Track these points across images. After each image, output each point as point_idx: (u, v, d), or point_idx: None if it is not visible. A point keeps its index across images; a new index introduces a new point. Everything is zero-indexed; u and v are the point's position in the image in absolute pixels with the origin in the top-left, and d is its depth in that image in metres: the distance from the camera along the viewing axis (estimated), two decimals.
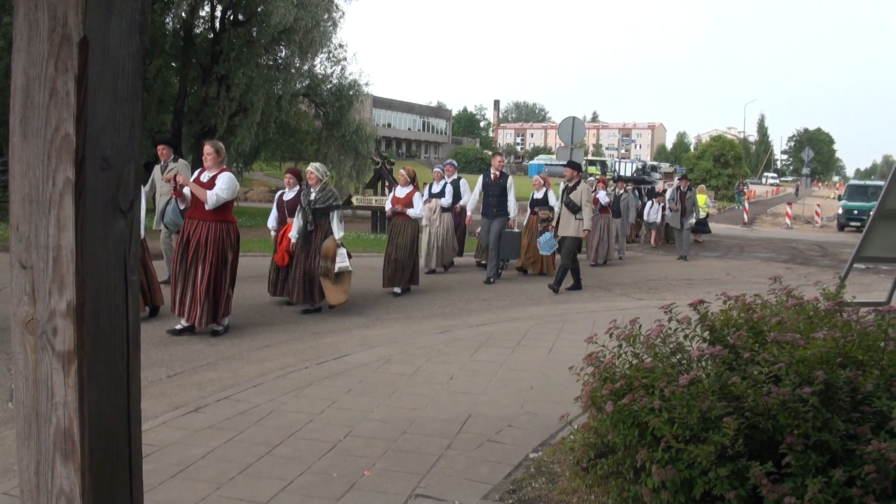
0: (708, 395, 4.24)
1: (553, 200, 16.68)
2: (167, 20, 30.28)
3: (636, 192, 26.03)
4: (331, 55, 32.38)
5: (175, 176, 9.57)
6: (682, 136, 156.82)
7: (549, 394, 7.03)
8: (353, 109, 33.24)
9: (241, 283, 12.66)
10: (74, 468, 1.60)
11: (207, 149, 9.63)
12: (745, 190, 58.23)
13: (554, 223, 14.65)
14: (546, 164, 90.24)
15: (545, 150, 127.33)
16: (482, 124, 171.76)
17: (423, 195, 14.77)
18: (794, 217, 41.44)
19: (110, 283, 1.63)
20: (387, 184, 24.33)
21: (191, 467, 5.17)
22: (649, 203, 25.19)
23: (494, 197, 15.29)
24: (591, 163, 78.05)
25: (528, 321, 10.58)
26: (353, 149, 32.52)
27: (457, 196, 16.60)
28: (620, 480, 4.60)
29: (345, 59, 33.87)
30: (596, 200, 18.44)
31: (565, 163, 15.46)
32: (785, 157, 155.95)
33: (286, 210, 11.70)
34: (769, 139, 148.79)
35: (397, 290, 12.95)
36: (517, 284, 14.83)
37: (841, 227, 37.79)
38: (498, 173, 15.40)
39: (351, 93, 32.94)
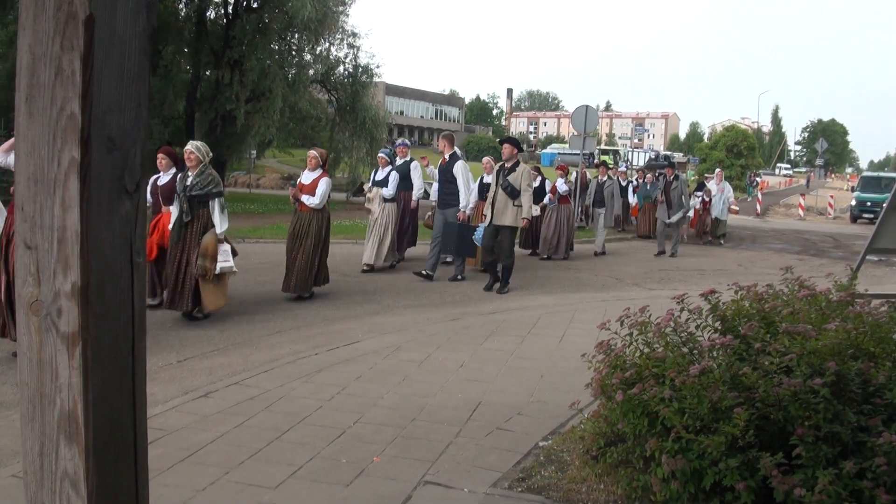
0: (719, 385, 4.22)
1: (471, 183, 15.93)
2: (180, 6, 30.28)
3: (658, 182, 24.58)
4: (343, 41, 32.32)
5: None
6: (695, 126, 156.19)
7: (560, 382, 7.01)
8: (367, 94, 33.15)
9: (254, 270, 12.72)
10: (78, 450, 1.59)
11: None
12: (758, 181, 57.97)
13: (487, 210, 12.51)
14: (559, 153, 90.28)
15: (558, 139, 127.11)
16: (495, 112, 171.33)
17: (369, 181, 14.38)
18: (807, 208, 41.26)
19: (115, 265, 1.61)
20: None
21: (199, 452, 5.17)
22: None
23: (444, 184, 13.88)
24: (604, 152, 77.94)
25: (538, 310, 10.56)
26: (369, 134, 32.44)
27: (407, 183, 14.77)
28: (630, 470, 4.58)
29: (358, 46, 33.72)
30: (553, 189, 17.72)
31: (574, 152, 15.23)
32: (798, 147, 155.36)
33: (161, 196, 10.17)
34: (783, 130, 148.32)
35: (305, 294, 11.08)
36: (528, 273, 14.77)
37: (854, 219, 37.60)
38: (447, 157, 13.89)
39: (364, 77, 32.87)
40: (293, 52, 30.74)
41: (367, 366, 7.39)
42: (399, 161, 15.04)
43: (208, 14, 30.46)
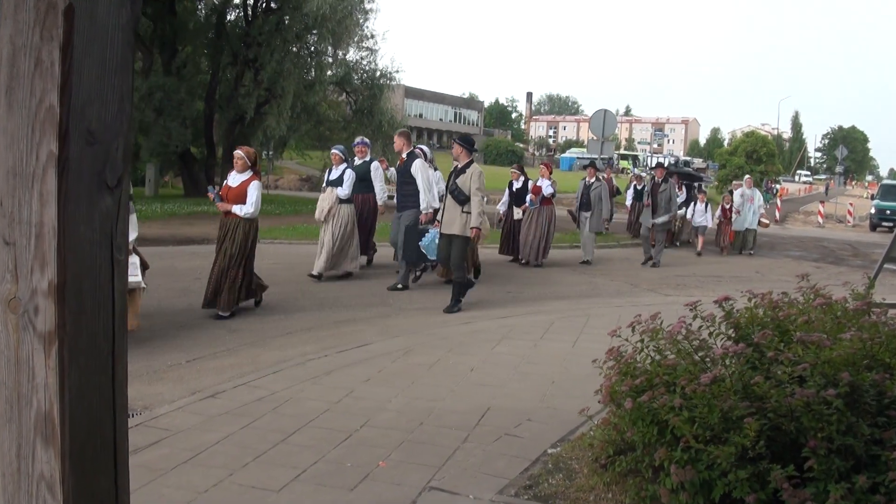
0: (730, 394, 4.14)
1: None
2: (199, 7, 30.41)
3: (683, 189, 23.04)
4: (362, 44, 32.35)
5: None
6: (715, 132, 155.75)
7: (571, 388, 6.93)
8: (385, 98, 33.14)
9: (266, 271, 12.69)
10: (55, 453, 1.54)
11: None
12: (776, 187, 57.66)
13: (439, 217, 11.44)
14: (577, 157, 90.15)
15: (577, 144, 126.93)
16: (514, 116, 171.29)
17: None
18: (826, 216, 41.00)
19: (95, 262, 1.56)
20: None
21: (204, 453, 5.13)
22: (695, 203, 22.09)
23: (402, 185, 12.89)
24: (623, 157, 77.79)
25: (551, 314, 10.48)
26: (385, 137, 32.40)
27: (366, 184, 13.54)
28: (639, 479, 4.51)
29: (377, 49, 33.78)
30: (537, 189, 16.39)
31: (593, 156, 14.90)
32: (818, 154, 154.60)
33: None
34: (803, 136, 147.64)
35: (222, 313, 9.67)
36: (542, 275, 14.69)
37: (873, 227, 37.30)
38: (404, 156, 12.90)
39: (382, 80, 32.87)
40: (312, 54, 30.76)
41: (376, 368, 7.34)
42: (357, 161, 13.81)
43: (228, 15, 30.57)
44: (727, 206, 21.91)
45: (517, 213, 16.54)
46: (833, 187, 76.48)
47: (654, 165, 20.85)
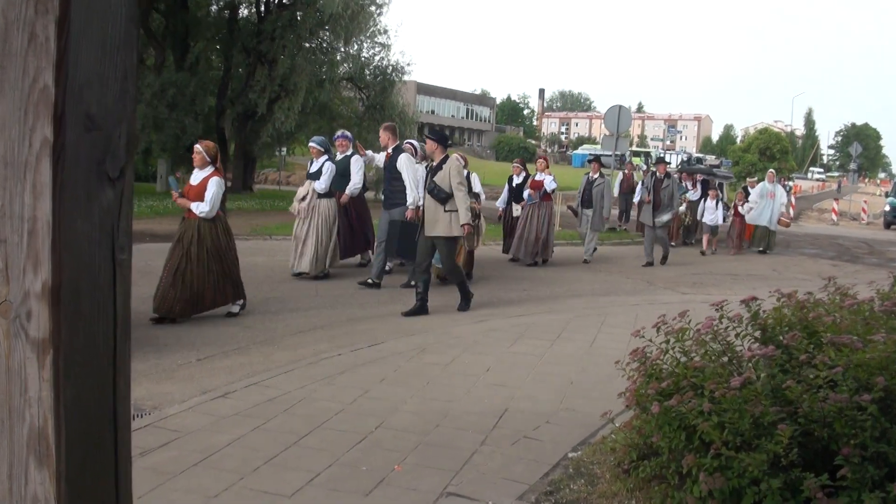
0: (761, 399, 3.98)
1: (477, 186, 13.59)
2: (212, 2, 30.32)
3: (698, 186, 22.62)
4: (375, 39, 32.19)
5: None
6: (728, 129, 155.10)
7: (590, 389, 6.77)
8: (396, 92, 32.95)
9: (280, 268, 12.57)
10: (49, 474, 1.39)
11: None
12: (790, 185, 57.36)
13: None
14: (591, 154, 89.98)
15: (589, 140, 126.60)
16: (526, 113, 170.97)
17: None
18: (840, 213, 40.71)
19: (93, 262, 1.41)
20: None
21: (215, 455, 4.99)
22: (704, 200, 21.07)
23: (389, 181, 12.32)
24: (636, 153, 77.48)
25: (568, 313, 10.32)
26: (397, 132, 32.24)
27: (345, 179, 12.80)
28: (664, 486, 4.35)
29: (389, 45, 33.53)
30: (537, 184, 15.60)
31: (607, 152, 14.50)
32: (832, 151, 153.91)
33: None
34: (816, 133, 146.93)
35: (233, 310, 9.48)
36: (557, 273, 14.51)
37: (887, 225, 36.98)
38: (390, 151, 12.35)
39: (394, 76, 32.69)
40: (324, 50, 30.62)
41: (390, 368, 7.19)
42: (339, 156, 13.11)
43: (241, 11, 30.46)
44: (739, 205, 20.96)
45: (517, 209, 15.86)
46: (846, 184, 76.08)
47: (655, 161, 20.05)
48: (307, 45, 29.21)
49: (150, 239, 15.54)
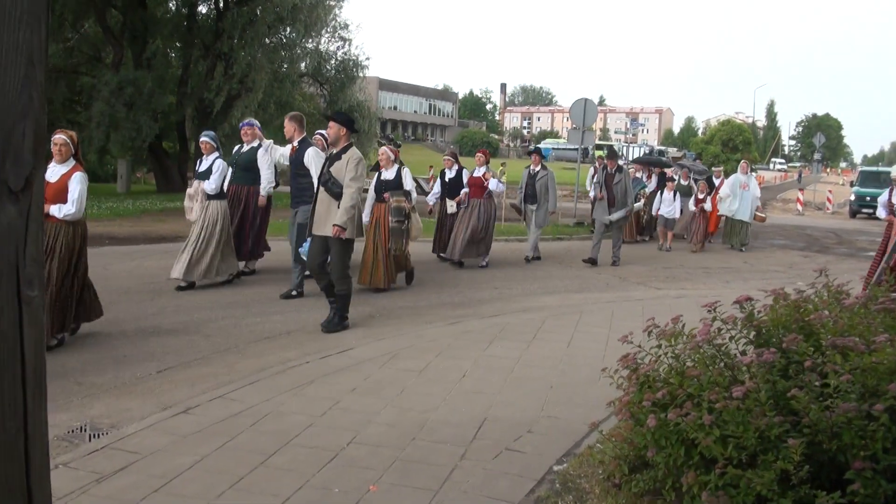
0: (765, 409, 3.70)
1: (409, 183, 12.11)
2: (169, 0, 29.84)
3: (656, 179, 21.66)
4: (335, 34, 31.79)
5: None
6: (690, 121, 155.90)
7: (571, 394, 6.48)
8: (354, 85, 32.55)
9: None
10: None
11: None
12: (753, 175, 57.67)
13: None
14: (553, 149, 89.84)
15: (552, 134, 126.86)
16: (488, 108, 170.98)
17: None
18: (805, 203, 40.80)
19: None
20: None
21: (176, 480, 4.63)
22: (661, 193, 19.99)
23: (295, 177, 10.86)
24: (598, 147, 77.48)
25: (542, 312, 10.02)
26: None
27: (254, 174, 11.82)
28: (660, 502, 4.06)
29: (350, 39, 33.08)
30: (476, 181, 14.33)
31: (574, 147, 13.83)
32: (793, 142, 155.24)
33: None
34: (777, 124, 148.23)
35: (50, 341, 7.68)
36: (528, 272, 14.20)
37: (853, 214, 37.08)
38: (296, 144, 10.91)
39: (354, 70, 32.31)
40: (285, 46, 30.16)
41: (361, 376, 6.84)
42: (245, 148, 11.99)
43: (200, 7, 29.97)
44: (701, 196, 19.53)
45: (451, 206, 14.56)
46: (808, 174, 76.63)
47: (606, 154, 17.74)
48: (267, 40, 28.75)
49: (110, 242, 15.08)
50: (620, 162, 17.93)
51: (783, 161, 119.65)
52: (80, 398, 6.29)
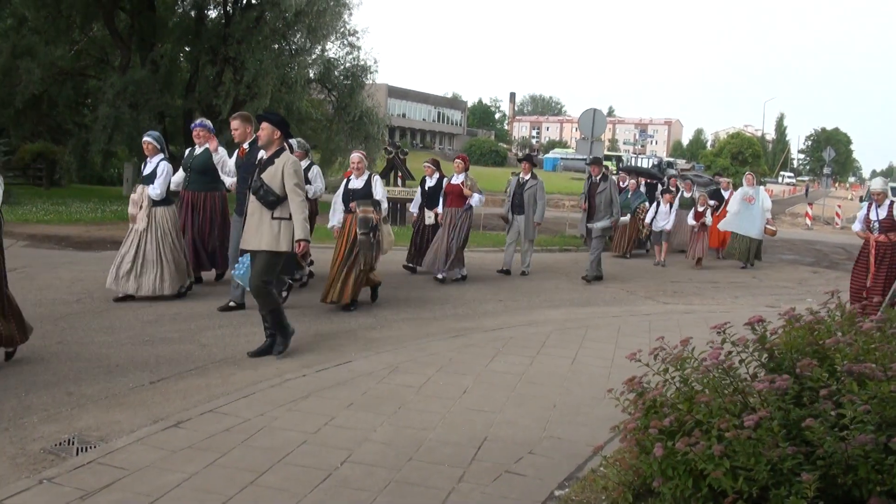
0: (778, 440, 3.51)
1: (379, 192, 10.86)
2: (178, 3, 29.77)
3: (647, 190, 20.91)
4: (344, 40, 31.68)
5: None
6: (698, 133, 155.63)
7: (574, 414, 6.29)
8: (363, 91, 32.43)
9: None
10: None
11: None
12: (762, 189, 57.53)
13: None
14: (562, 158, 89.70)
15: (560, 144, 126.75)
16: (497, 116, 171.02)
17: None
18: (814, 218, 40.59)
19: None
20: (399, 174, 23.47)
21: (163, 499, 4.45)
22: (654, 205, 19.02)
23: (242, 182, 9.27)
24: (607, 157, 77.40)
25: (547, 325, 9.82)
26: (364, 134, 31.66)
27: (209, 178, 11.07)
28: None
29: (359, 46, 32.94)
30: (454, 189, 13.47)
31: (583, 157, 13.20)
32: (802, 156, 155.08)
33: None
34: (787, 138, 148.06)
35: None
36: (534, 284, 13.99)
37: None
38: (245, 146, 9.75)
39: (362, 77, 32.18)
40: (293, 52, 30.06)
41: (359, 391, 6.66)
42: (198, 149, 11.15)
43: (208, 12, 29.89)
44: (701, 209, 18.45)
45: (429, 216, 13.91)
46: (816, 188, 76.36)
47: (589, 161, 16.86)
48: (275, 46, 28.65)
49: (112, 246, 14.95)
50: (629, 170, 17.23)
51: (791, 175, 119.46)
52: (70, 409, 6.11)
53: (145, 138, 10.56)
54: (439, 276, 13.33)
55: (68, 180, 30.75)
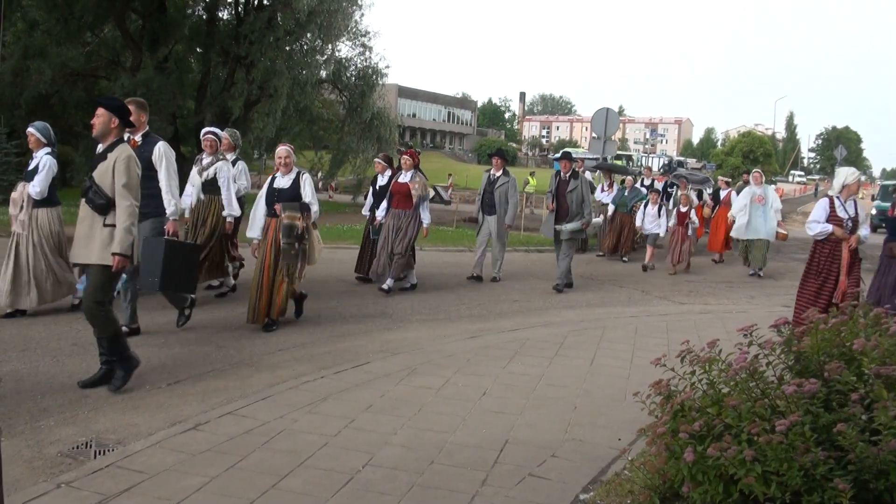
0: (810, 445, 3.45)
1: (308, 194, 9.45)
2: (190, 3, 29.77)
3: (613, 187, 20.13)
4: (356, 40, 31.68)
5: None
6: (709, 132, 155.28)
7: (596, 416, 6.23)
8: (375, 93, 32.41)
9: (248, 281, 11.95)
10: None
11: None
12: (773, 188, 57.30)
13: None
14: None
15: (570, 144, 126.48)
16: (507, 116, 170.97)
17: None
18: None
19: None
20: None
21: (183, 503, 4.40)
22: (643, 206, 18.29)
23: (145, 179, 7.54)
24: (617, 157, 77.22)
25: (564, 326, 9.77)
26: (376, 135, 31.64)
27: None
28: None
29: (371, 46, 32.92)
30: (402, 188, 12.14)
31: (595, 156, 12.71)
32: (812, 154, 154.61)
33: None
34: (797, 136, 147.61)
35: None
36: (548, 284, 13.86)
37: (874, 228, 36.64)
38: (137, 138, 8.75)
39: (374, 77, 32.17)
40: (305, 52, 30.04)
41: (377, 393, 6.61)
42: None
43: (219, 13, 29.90)
44: (684, 210, 17.45)
45: (380, 217, 12.52)
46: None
47: (558, 157, 15.26)
48: (287, 47, 28.63)
49: None
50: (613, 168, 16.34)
51: (802, 173, 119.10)
52: (87, 411, 6.07)
53: (29, 129, 9.20)
54: (384, 286, 11.87)
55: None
